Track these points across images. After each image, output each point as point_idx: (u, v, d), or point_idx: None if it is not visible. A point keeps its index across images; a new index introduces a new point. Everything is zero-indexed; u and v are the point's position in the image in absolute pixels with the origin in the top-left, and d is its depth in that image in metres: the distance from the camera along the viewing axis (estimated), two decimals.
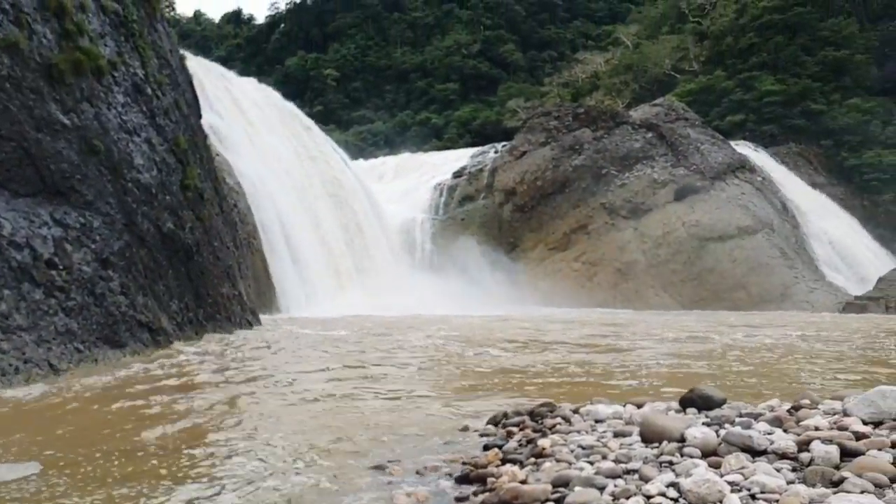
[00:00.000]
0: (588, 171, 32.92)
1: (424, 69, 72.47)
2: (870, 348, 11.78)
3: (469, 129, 62.73)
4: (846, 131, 40.66)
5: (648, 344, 12.27)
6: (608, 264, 30.73)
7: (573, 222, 32.53)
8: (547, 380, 7.77)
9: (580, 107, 37.24)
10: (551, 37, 73.77)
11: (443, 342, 12.15)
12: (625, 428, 4.26)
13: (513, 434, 4.78)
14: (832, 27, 43.60)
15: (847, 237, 34.30)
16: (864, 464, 3.03)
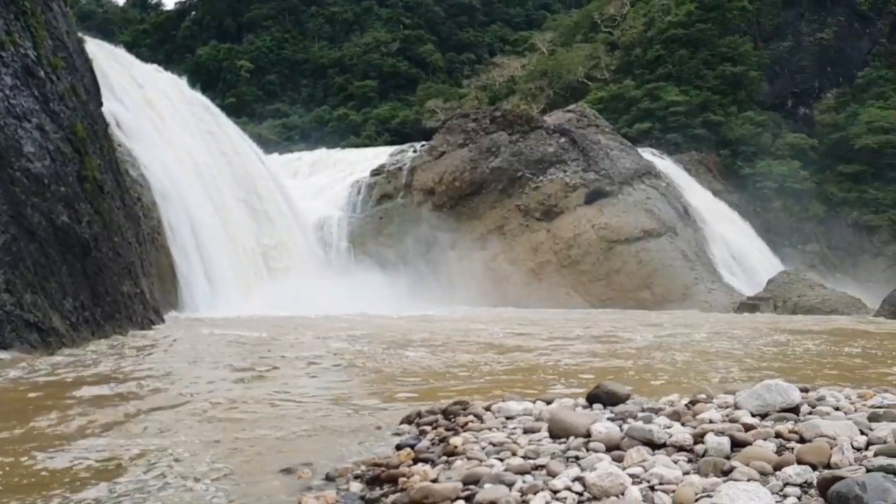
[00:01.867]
0: (504, 173, 33.51)
1: (343, 65, 71.53)
2: (760, 345, 12.60)
3: (388, 127, 62.47)
4: (742, 142, 43.38)
5: (560, 342, 12.62)
6: (522, 264, 31.41)
7: (490, 223, 33.03)
8: (462, 378, 7.84)
9: (497, 110, 37.86)
10: (470, 39, 74.56)
11: (357, 342, 12.03)
12: (534, 424, 4.34)
13: (426, 433, 4.78)
14: (730, 44, 46.37)
15: (742, 241, 36.55)
16: (751, 453, 3.23)
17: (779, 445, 3.41)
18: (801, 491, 2.82)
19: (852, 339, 13.89)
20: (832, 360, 10.17)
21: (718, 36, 46.91)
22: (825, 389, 4.83)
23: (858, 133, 42.04)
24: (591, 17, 58.48)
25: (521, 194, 32.85)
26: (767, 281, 27.83)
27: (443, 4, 76.01)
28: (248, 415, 5.75)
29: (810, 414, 4.02)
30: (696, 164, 42.13)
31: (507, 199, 32.93)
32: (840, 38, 46.47)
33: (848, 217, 41.38)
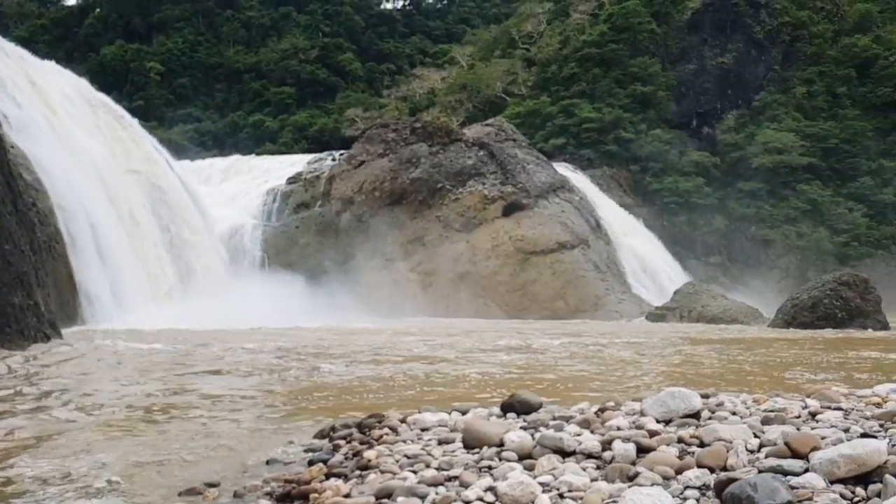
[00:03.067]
0: (425, 184, 33.66)
1: (259, 70, 69.93)
2: (667, 353, 13.17)
3: (305, 134, 61.51)
4: (650, 158, 45.48)
5: (479, 352, 12.73)
6: (442, 275, 31.58)
7: (410, 233, 33.04)
8: (380, 391, 7.75)
9: (418, 121, 38.03)
10: (390, 50, 74.72)
11: (270, 355, 11.70)
12: (449, 435, 4.34)
13: (339, 447, 4.69)
14: (640, 65, 48.64)
15: (650, 254, 38.21)
16: (655, 458, 3.35)
17: (681, 450, 3.55)
18: (699, 493, 2.94)
19: (750, 346, 14.75)
20: (732, 367, 10.76)
21: (629, 56, 49.10)
22: (724, 395, 5.08)
23: (756, 153, 44.99)
24: (510, 34, 59.94)
25: (441, 205, 33.08)
26: (674, 292, 29.14)
27: (363, 14, 75.90)
28: (151, 432, 5.46)
29: (710, 419, 4.21)
30: (607, 179, 43.79)
31: (427, 210, 33.07)
32: (739, 64, 49.66)
33: (747, 231, 44.10)
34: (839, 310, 21.03)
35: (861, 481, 2.79)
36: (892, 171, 44.91)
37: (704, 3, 50.37)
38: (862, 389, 5.36)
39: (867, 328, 20.38)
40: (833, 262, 39.65)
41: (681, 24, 50.93)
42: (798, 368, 10.29)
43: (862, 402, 4.78)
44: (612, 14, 51.42)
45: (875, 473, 2.78)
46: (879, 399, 4.79)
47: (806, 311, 21.47)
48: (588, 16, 53.88)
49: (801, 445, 3.11)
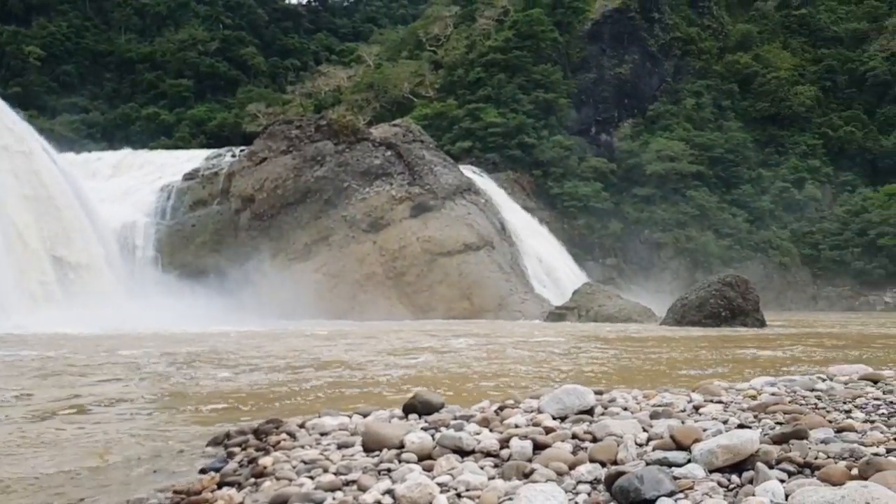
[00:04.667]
0: (330, 183, 33.13)
1: (154, 61, 66.40)
2: (566, 351, 13.61)
3: (204, 129, 59.02)
4: (552, 164, 46.97)
5: (384, 354, 12.64)
6: (348, 276, 31.17)
7: (315, 233, 32.40)
8: (280, 397, 7.52)
9: (323, 119, 37.37)
10: (295, 46, 73.07)
11: (162, 361, 11.11)
12: (349, 439, 4.27)
13: (234, 454, 4.51)
14: (543, 72, 50.12)
15: (551, 255, 39.39)
16: (550, 455, 3.42)
17: (575, 446, 3.65)
18: (591, 487, 3.03)
19: (642, 344, 15.50)
20: (625, 364, 11.25)
21: (533, 63, 50.48)
22: (617, 391, 5.29)
23: (649, 160, 47.46)
24: (417, 35, 60.14)
25: (347, 205, 32.66)
26: (573, 292, 30.15)
27: (266, 8, 73.81)
28: (25, 446, 5.03)
29: (603, 415, 4.36)
30: (511, 183, 44.83)
31: (332, 210, 32.56)
32: (635, 75, 52.21)
33: (641, 235, 46.42)
34: (723, 309, 22.48)
35: (736, 469, 2.97)
36: (769, 180, 48.63)
37: (604, 15, 52.60)
38: (740, 383, 5.74)
39: (747, 325, 21.92)
40: (718, 264, 42.41)
41: (582, 34, 52.93)
42: (686, 364, 10.91)
43: (740, 395, 5.11)
44: (516, 21, 52.70)
45: (748, 462, 2.97)
46: (755, 392, 5.14)
47: (694, 311, 22.81)
48: (494, 21, 54.95)
49: (684, 438, 3.27)
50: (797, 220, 47.30)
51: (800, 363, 10.68)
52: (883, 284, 43.78)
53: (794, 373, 7.32)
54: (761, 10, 57.65)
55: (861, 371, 5.95)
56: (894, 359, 11.52)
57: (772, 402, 4.47)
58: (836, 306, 43.21)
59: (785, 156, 49.81)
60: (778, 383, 5.57)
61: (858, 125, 50.52)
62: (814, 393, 5.04)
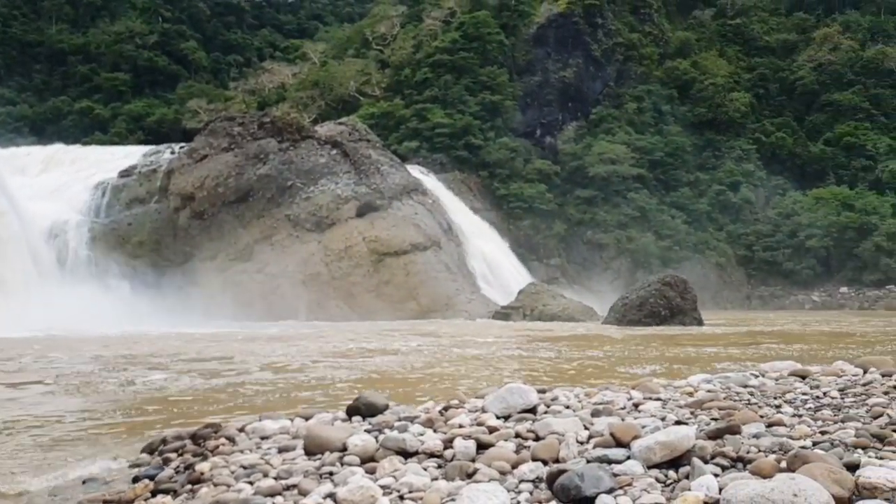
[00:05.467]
0: (273, 181, 32.54)
1: (88, 53, 63.77)
2: (511, 350, 13.74)
3: (142, 125, 57.10)
4: (498, 165, 47.38)
5: (330, 356, 12.48)
6: (292, 276, 30.66)
7: (257, 233, 31.76)
8: (220, 400, 7.33)
9: (266, 116, 36.66)
10: (238, 41, 71.45)
11: (94, 364, 10.68)
12: (290, 442, 4.19)
13: (170, 461, 4.36)
14: (489, 74, 50.50)
15: (497, 255, 39.71)
16: (493, 454, 3.43)
17: (518, 445, 3.67)
18: (533, 486, 3.05)
19: (585, 342, 15.79)
20: (568, 362, 11.43)
21: (479, 65, 50.79)
22: (559, 390, 5.35)
23: (592, 162, 48.40)
24: (364, 34, 59.73)
25: (291, 204, 32.13)
26: (518, 292, 30.51)
27: (208, 2, 71.94)
28: None
29: (546, 413, 4.41)
30: (458, 184, 44.99)
31: (275, 209, 31.97)
32: (579, 78, 53.15)
33: (583, 235, 47.31)
34: (662, 308, 23.13)
35: (674, 465, 3.04)
36: (706, 183, 50.29)
37: (549, 19, 53.36)
38: (678, 381, 5.90)
39: (685, 324, 22.61)
40: (658, 264, 43.60)
41: (527, 37, 53.56)
42: (627, 362, 11.16)
43: (678, 392, 5.25)
44: (463, 23, 52.93)
45: (685, 457, 3.04)
46: (692, 389, 5.29)
47: (634, 310, 23.38)
48: (441, 22, 55.05)
49: (623, 435, 3.33)
50: (733, 221, 49.06)
51: (734, 360, 11.08)
52: (811, 284, 45.89)
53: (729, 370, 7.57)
54: (699, 18, 59.58)
55: (791, 367, 6.20)
56: (822, 355, 12.08)
57: (708, 399, 4.61)
58: (768, 305, 45.03)
59: (721, 160, 51.60)
60: (714, 380, 5.75)
61: (789, 131, 52.81)
62: (747, 389, 5.22)
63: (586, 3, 53.26)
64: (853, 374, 5.78)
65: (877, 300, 42.61)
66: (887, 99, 52.82)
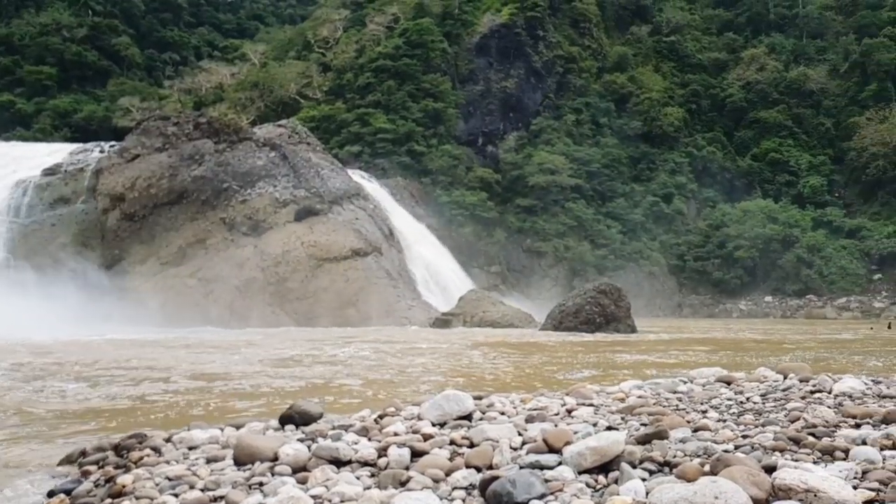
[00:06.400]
0: (209, 183, 31.70)
1: (10, 44, 60.69)
2: (451, 357, 13.76)
3: (69, 121, 54.69)
4: (440, 172, 47.62)
5: (267, 364, 12.20)
6: (226, 281, 29.88)
7: (190, 236, 30.83)
8: (146, 411, 7.04)
9: (203, 116, 35.72)
10: (174, 39, 69.45)
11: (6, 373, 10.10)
12: (219, 452, 4.08)
13: (90, 474, 4.16)
14: (432, 81, 50.76)
15: (439, 262, 39.83)
16: (428, 462, 3.42)
17: (452, 452, 3.67)
18: (466, 493, 3.04)
19: (523, 349, 15.98)
20: (506, 368, 11.54)
21: (423, 72, 51.00)
22: (495, 396, 5.39)
23: (532, 172, 49.26)
24: (305, 36, 59.11)
25: (226, 207, 31.34)
26: (459, 298, 30.66)
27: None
28: None
29: (481, 420, 4.43)
30: (400, 190, 44.94)
31: (210, 212, 31.11)
32: (520, 89, 54.03)
33: (523, 243, 48.02)
34: (597, 315, 23.66)
35: (604, 470, 3.10)
36: (641, 194, 51.88)
37: (491, 30, 54.08)
38: (611, 387, 6.04)
39: (620, 331, 23.20)
40: (594, 272, 44.66)
41: (470, 46, 54.12)
42: (562, 369, 11.35)
43: (610, 398, 5.37)
44: (406, 29, 53.06)
45: (615, 462, 3.11)
46: (623, 395, 5.42)
47: (571, 317, 23.84)
48: (384, 28, 55.02)
49: (555, 440, 3.37)
50: (665, 232, 50.76)
51: (665, 367, 11.42)
52: (739, 293, 47.92)
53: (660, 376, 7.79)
54: (636, 34, 61.57)
55: (717, 374, 6.44)
56: (747, 362, 12.60)
57: (638, 405, 4.72)
58: (698, 313, 46.74)
59: (655, 172, 53.35)
60: (644, 386, 5.91)
61: (719, 146, 55.13)
62: (676, 395, 5.39)
63: (528, 15, 54.25)
64: (774, 379, 6.04)
65: (798, 309, 44.86)
66: (808, 118, 55.85)
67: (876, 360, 13.08)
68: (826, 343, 18.49)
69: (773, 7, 63.60)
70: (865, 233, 48.13)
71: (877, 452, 3.14)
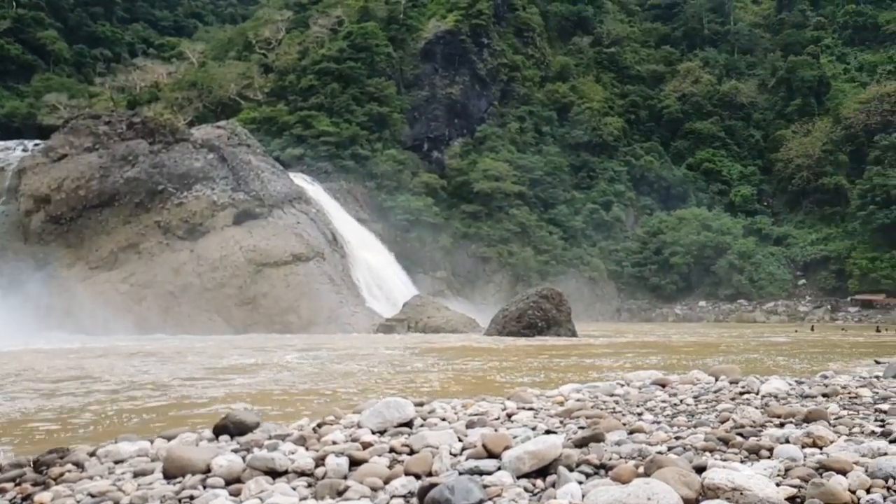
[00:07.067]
0: (143, 185, 30.65)
1: None
2: (394, 363, 13.66)
3: None
4: (385, 176, 47.39)
5: (202, 372, 11.84)
6: (161, 287, 28.92)
7: (122, 240, 29.72)
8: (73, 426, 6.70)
9: (137, 116, 34.53)
10: (106, 34, 66.83)
11: None
12: (148, 465, 3.91)
13: (5, 492, 3.91)
14: (377, 85, 50.54)
15: (383, 267, 39.55)
16: (366, 470, 3.35)
17: (392, 459, 3.62)
18: (404, 501, 3.00)
19: (467, 354, 16.02)
20: (451, 373, 11.53)
21: (367, 76, 50.71)
22: (437, 402, 5.36)
23: (477, 178, 49.64)
24: (247, 37, 57.94)
25: (161, 210, 30.34)
26: (403, 304, 30.53)
27: None
28: None
29: (422, 426, 4.39)
30: (344, 193, 44.49)
31: (144, 214, 30.06)
32: (465, 96, 54.38)
33: (468, 249, 48.26)
34: (540, 319, 23.99)
35: (542, 474, 3.11)
36: (581, 201, 52.95)
37: (437, 36, 54.28)
38: (550, 390, 6.10)
39: (561, 335, 23.57)
40: (537, 277, 45.26)
41: (415, 52, 54.18)
42: (505, 373, 11.42)
43: (550, 401, 5.42)
44: (351, 32, 52.69)
45: (552, 466, 3.12)
46: (562, 398, 5.48)
47: (514, 321, 24.09)
48: (328, 30, 54.48)
49: (494, 446, 3.37)
50: (605, 238, 51.95)
51: (604, 370, 11.64)
52: (674, 298, 49.45)
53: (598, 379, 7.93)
54: (578, 45, 62.92)
55: (653, 377, 6.59)
56: (682, 364, 12.98)
57: (576, 408, 4.78)
58: (636, 317, 47.98)
59: (595, 180, 54.57)
60: (583, 389, 6.00)
61: (656, 155, 56.83)
62: (613, 398, 5.48)
63: (473, 23, 54.70)
64: (706, 382, 6.23)
65: (730, 313, 46.60)
66: (739, 130, 58.25)
67: (800, 361, 13.70)
68: (755, 346, 19.27)
69: (707, 23, 66.12)
70: (791, 240, 50.49)
71: (798, 450, 3.27)
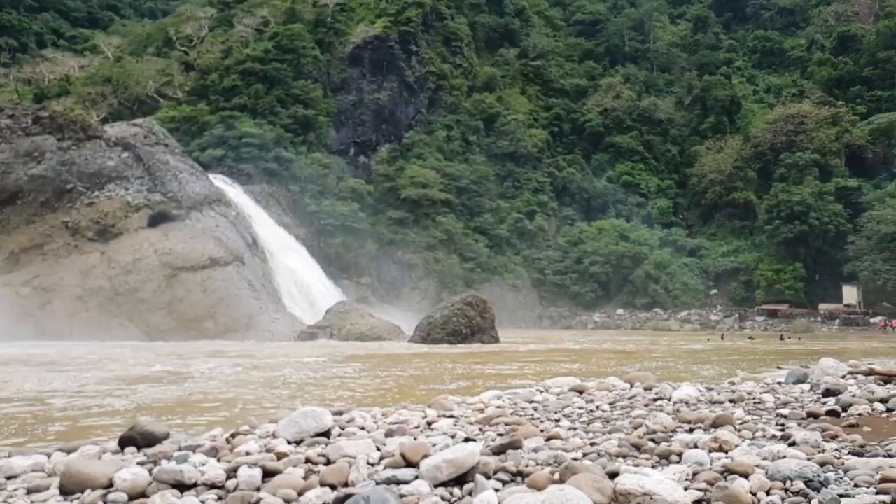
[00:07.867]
0: (49, 183, 28.96)
1: None
2: (316, 371, 13.41)
3: None
4: (310, 180, 46.60)
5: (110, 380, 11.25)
6: (67, 290, 27.36)
7: (25, 240, 27.95)
8: None
9: (45, 110, 32.63)
10: (12, 22, 62.80)
11: None
12: (43, 481, 3.67)
13: None
14: (302, 88, 49.74)
15: (306, 273, 38.83)
16: (280, 482, 3.26)
17: (307, 470, 3.53)
18: None
19: (391, 361, 15.92)
20: (374, 381, 11.42)
21: (293, 78, 49.83)
22: (357, 410, 5.29)
23: (404, 184, 49.60)
24: (167, 33, 55.86)
25: (70, 209, 28.74)
26: (326, 311, 30.05)
27: None
28: None
29: (340, 436, 4.31)
30: (266, 197, 43.45)
31: (50, 214, 28.38)
32: (393, 102, 54.30)
33: (394, 255, 48.06)
34: (464, 326, 24.18)
35: (459, 482, 3.11)
36: (507, 210, 53.82)
37: (365, 41, 54.01)
38: (471, 397, 6.13)
39: (484, 342, 23.83)
40: (462, 285, 45.58)
41: (343, 56, 53.70)
42: (428, 380, 11.42)
43: (470, 408, 5.44)
44: (277, 33, 51.70)
45: (470, 474, 3.13)
46: (483, 405, 5.52)
47: (438, 328, 24.18)
48: (253, 30, 53.26)
49: (413, 454, 3.34)
50: (528, 247, 52.95)
51: (524, 377, 11.83)
52: (594, 306, 50.93)
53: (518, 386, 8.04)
54: (504, 56, 64.05)
55: (571, 383, 6.74)
56: (600, 371, 13.36)
57: (496, 415, 4.82)
58: (557, 324, 49.09)
59: (520, 190, 55.59)
60: (503, 396, 6.06)
61: (578, 167, 58.49)
62: (532, 404, 5.57)
63: (402, 30, 54.77)
64: (622, 388, 6.42)
65: (646, 321, 48.38)
66: (657, 145, 60.77)
67: (710, 368, 14.37)
68: (669, 353, 20.08)
69: (628, 40, 68.79)
70: (704, 252, 53.02)
71: (706, 455, 3.41)
